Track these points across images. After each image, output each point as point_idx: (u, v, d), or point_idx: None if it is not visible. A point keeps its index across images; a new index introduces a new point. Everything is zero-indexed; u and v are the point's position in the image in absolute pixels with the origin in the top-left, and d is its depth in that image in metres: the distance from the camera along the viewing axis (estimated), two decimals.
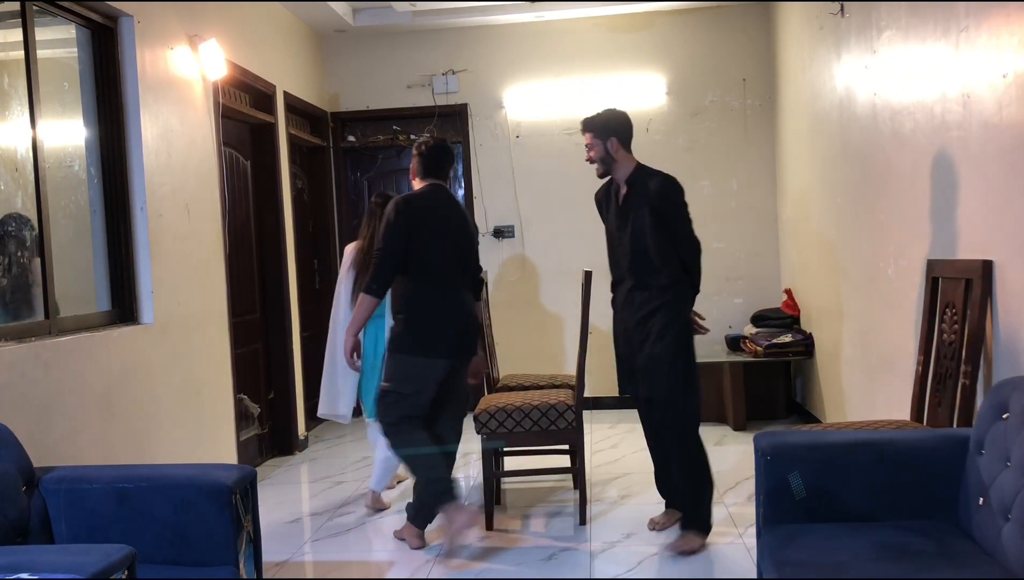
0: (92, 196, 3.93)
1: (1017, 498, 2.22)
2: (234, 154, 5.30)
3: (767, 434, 2.79)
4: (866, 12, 4.09)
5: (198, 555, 2.61)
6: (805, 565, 2.31)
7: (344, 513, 4.44)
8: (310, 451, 5.87)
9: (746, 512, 4.03)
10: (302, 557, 3.87)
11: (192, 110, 4.51)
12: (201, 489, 2.62)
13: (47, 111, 3.48)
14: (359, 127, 6.95)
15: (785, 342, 5.64)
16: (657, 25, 6.62)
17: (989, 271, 2.90)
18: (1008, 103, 2.72)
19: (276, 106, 5.69)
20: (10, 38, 3.40)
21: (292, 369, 5.78)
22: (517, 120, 6.74)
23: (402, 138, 6.88)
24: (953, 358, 3.07)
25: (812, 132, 5.35)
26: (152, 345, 3.95)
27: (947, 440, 2.64)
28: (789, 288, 6.15)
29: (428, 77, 6.79)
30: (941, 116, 3.25)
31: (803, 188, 5.69)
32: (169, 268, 4.15)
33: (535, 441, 4.07)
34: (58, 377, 3.22)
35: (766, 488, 2.68)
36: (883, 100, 3.92)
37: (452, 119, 6.86)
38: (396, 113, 6.85)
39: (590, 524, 4.05)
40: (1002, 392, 2.44)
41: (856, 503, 2.64)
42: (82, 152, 3.90)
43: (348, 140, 6.92)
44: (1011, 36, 2.67)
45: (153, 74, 4.12)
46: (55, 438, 3.17)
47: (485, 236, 6.78)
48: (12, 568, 1.92)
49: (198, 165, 4.54)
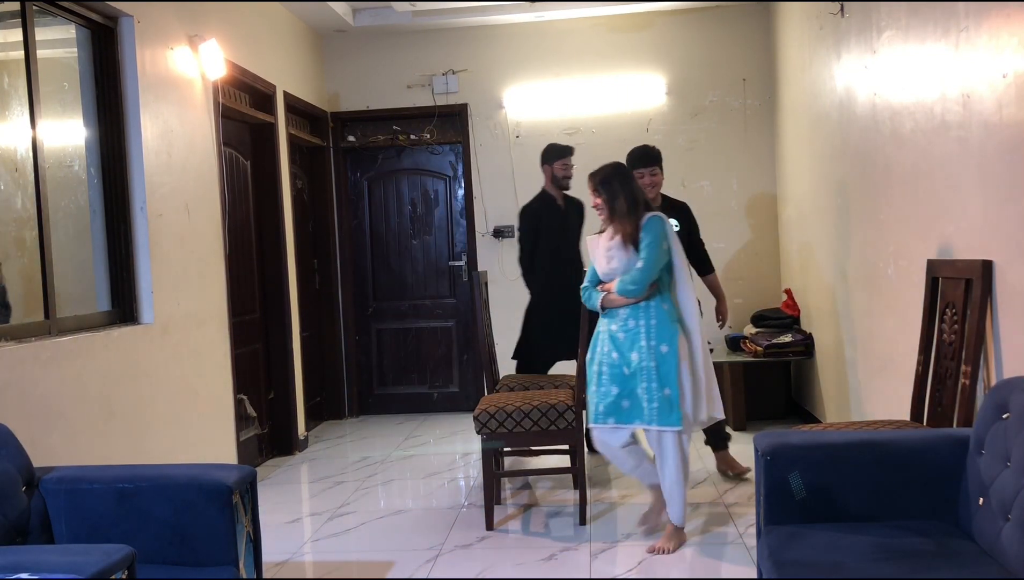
0: (92, 196, 3.93)
1: (1017, 498, 2.22)
2: (234, 154, 5.30)
3: (767, 434, 2.79)
4: (866, 12, 4.09)
5: (198, 555, 2.61)
6: (805, 565, 2.31)
7: (344, 513, 4.44)
8: (310, 451, 5.88)
9: (746, 512, 4.03)
10: (302, 557, 3.87)
11: (192, 110, 4.51)
12: (201, 489, 2.62)
13: (47, 111, 3.48)
14: (359, 127, 6.95)
15: (785, 342, 5.64)
16: (657, 25, 6.62)
17: (989, 271, 2.90)
18: (1008, 103, 2.72)
19: (276, 106, 5.69)
20: (10, 38, 3.40)
21: (292, 369, 5.78)
22: (517, 120, 6.74)
23: (402, 138, 6.88)
24: (953, 358, 3.07)
25: (812, 132, 5.35)
26: (152, 345, 3.95)
27: (947, 440, 2.64)
28: (789, 288, 6.15)
29: (428, 77, 6.80)
30: (941, 116, 3.25)
31: (803, 188, 5.69)
32: (169, 268, 4.15)
33: (535, 441, 4.07)
34: (58, 377, 3.22)
35: (766, 488, 2.68)
36: (883, 100, 3.92)
37: (452, 119, 6.86)
38: (396, 113, 6.85)
39: (590, 524, 4.05)
40: (1002, 392, 2.44)
41: (856, 503, 2.64)
42: (82, 152, 3.90)
43: (348, 140, 6.92)
44: (1011, 36, 2.67)
45: (153, 74, 4.12)
46: (55, 438, 3.17)
47: (485, 236, 6.79)
48: (12, 568, 1.92)
49: (198, 165, 4.54)
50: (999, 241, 2.84)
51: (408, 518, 4.33)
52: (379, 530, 4.17)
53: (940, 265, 3.25)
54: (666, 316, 3.64)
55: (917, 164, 3.52)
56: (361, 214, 7.03)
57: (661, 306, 3.66)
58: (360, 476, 5.15)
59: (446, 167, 6.97)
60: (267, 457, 5.62)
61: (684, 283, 3.73)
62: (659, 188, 4.55)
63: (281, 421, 5.74)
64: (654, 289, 3.66)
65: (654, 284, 3.66)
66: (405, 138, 6.87)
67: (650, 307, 3.66)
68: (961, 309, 3.03)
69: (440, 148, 6.95)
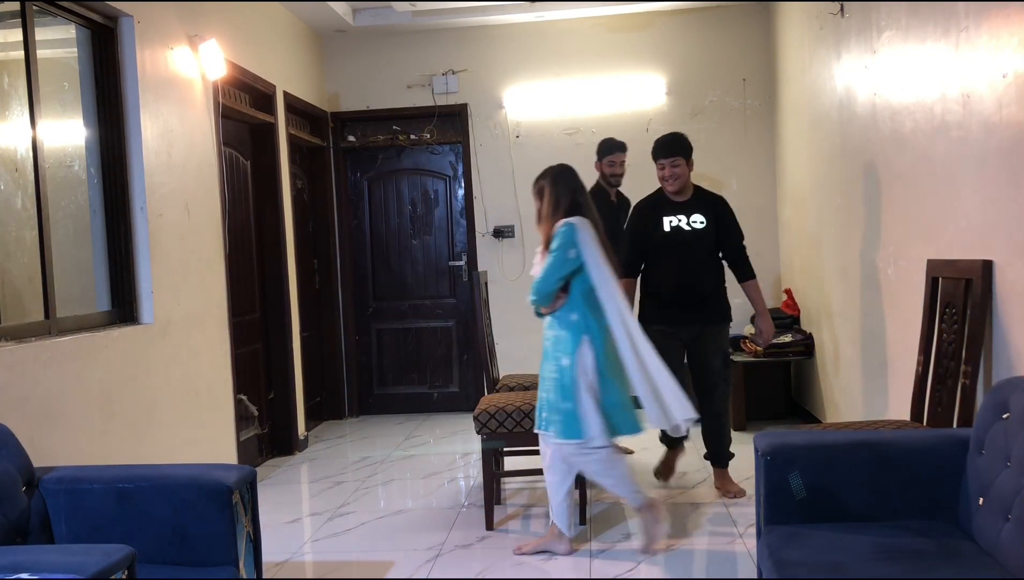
0: (92, 196, 3.93)
1: (1017, 498, 2.22)
2: (234, 154, 5.30)
3: (767, 434, 2.79)
4: (866, 12, 4.09)
5: (198, 555, 2.61)
6: (805, 565, 2.31)
7: (344, 513, 4.44)
8: (310, 451, 5.87)
9: (746, 512, 4.03)
10: (302, 557, 3.87)
11: (192, 110, 4.51)
12: (201, 489, 2.62)
13: (47, 111, 3.48)
14: (359, 127, 6.95)
15: (785, 342, 5.64)
16: (657, 25, 6.62)
17: (989, 271, 2.90)
18: (1008, 103, 2.72)
19: (276, 106, 5.69)
20: (10, 38, 3.40)
21: (292, 369, 5.78)
22: (517, 120, 6.74)
23: (402, 138, 6.88)
24: (953, 358, 3.07)
25: (812, 132, 5.35)
26: (152, 345, 3.95)
27: (947, 440, 2.64)
28: (789, 288, 6.15)
29: (428, 77, 6.80)
30: (941, 116, 3.25)
31: (803, 188, 5.69)
32: (169, 268, 4.15)
33: (535, 441, 4.06)
34: (58, 377, 3.22)
35: (766, 488, 2.68)
36: (883, 100, 3.92)
37: (452, 119, 6.86)
38: (396, 113, 6.85)
39: (590, 524, 4.05)
40: (1002, 392, 2.44)
41: (856, 503, 2.64)
42: (82, 152, 3.90)
43: (348, 140, 6.92)
44: (1011, 36, 2.67)
45: (153, 74, 4.12)
46: (55, 438, 3.17)
47: (485, 236, 6.79)
48: (12, 568, 1.92)
49: (198, 165, 4.54)
50: (999, 241, 2.84)
51: (408, 518, 4.33)
52: (379, 530, 4.17)
53: (940, 265, 3.25)
54: (572, 327, 3.51)
55: (917, 164, 3.52)
56: (361, 214, 7.03)
57: (568, 317, 3.53)
58: (360, 476, 5.15)
59: (446, 167, 6.97)
60: (267, 457, 5.62)
61: (602, 291, 3.51)
62: (683, 180, 4.36)
63: (281, 421, 5.74)
64: (563, 299, 3.54)
65: (564, 293, 3.53)
66: (405, 138, 6.87)
67: (558, 318, 3.57)
68: (961, 309, 3.03)
69: (440, 148, 6.95)
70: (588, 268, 3.50)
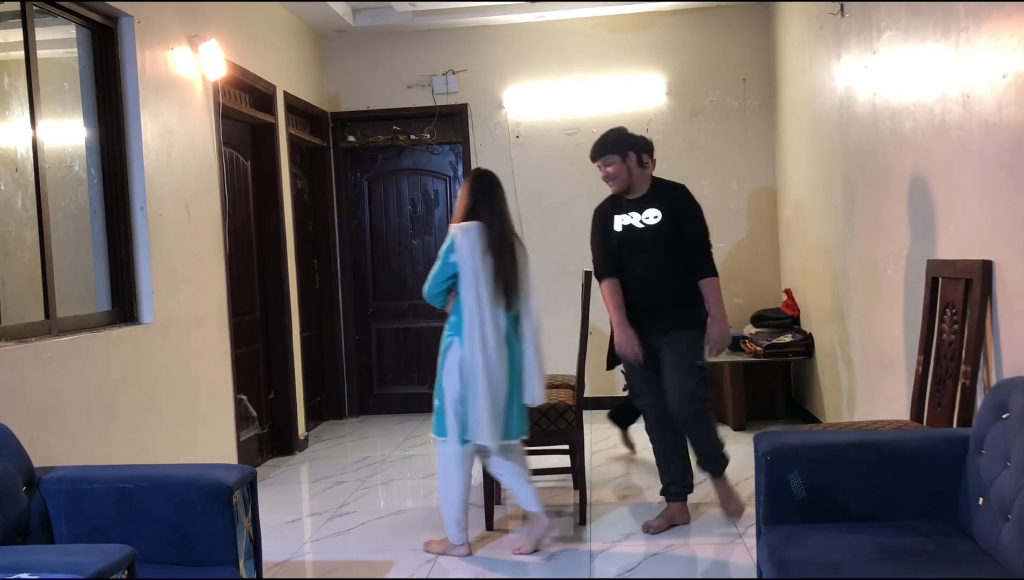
0: (92, 196, 3.93)
1: (1017, 498, 2.22)
2: (234, 154, 5.30)
3: (767, 434, 2.79)
4: (866, 12, 4.09)
5: (198, 555, 2.61)
6: (805, 565, 2.31)
7: (344, 513, 4.44)
8: (310, 451, 5.88)
9: (746, 512, 4.03)
10: (302, 557, 3.87)
11: (192, 110, 4.52)
12: (201, 489, 2.62)
13: (47, 111, 3.48)
14: (359, 127, 6.95)
15: (785, 342, 5.64)
16: (657, 25, 6.62)
17: (989, 271, 2.90)
18: (1008, 103, 2.72)
19: (276, 106, 5.69)
20: (10, 38, 3.40)
21: (292, 369, 5.78)
22: (517, 120, 6.75)
23: (402, 138, 6.88)
24: (953, 358, 3.07)
25: (812, 132, 5.35)
26: (152, 345, 3.95)
27: (947, 440, 2.64)
28: (789, 288, 6.15)
29: (428, 77, 6.80)
30: (941, 116, 3.25)
31: (803, 188, 5.69)
32: (169, 268, 4.15)
33: (535, 441, 4.06)
34: (58, 377, 3.22)
35: (766, 488, 2.68)
36: (883, 100, 3.92)
37: (452, 119, 6.86)
38: (396, 113, 6.85)
39: (590, 524, 4.05)
40: (1002, 392, 2.44)
41: (856, 503, 2.64)
42: (82, 152, 3.90)
43: (348, 140, 6.92)
44: (1011, 36, 2.67)
45: (153, 74, 4.12)
46: (55, 438, 3.17)
47: None
48: (12, 568, 1.92)
49: (198, 165, 4.54)
50: (999, 241, 2.84)
51: (408, 518, 4.34)
52: (379, 530, 4.17)
53: (940, 265, 3.25)
54: (449, 328, 3.71)
55: (917, 164, 3.52)
56: (361, 214, 7.03)
57: (451, 318, 3.73)
58: (360, 476, 5.15)
59: (446, 167, 6.97)
60: (267, 457, 5.62)
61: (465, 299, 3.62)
62: (621, 180, 3.95)
63: (281, 421, 5.74)
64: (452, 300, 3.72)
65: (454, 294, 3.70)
66: (405, 138, 6.87)
67: (449, 317, 3.75)
68: (961, 309, 3.03)
69: (440, 148, 6.95)
70: (460, 275, 3.66)
